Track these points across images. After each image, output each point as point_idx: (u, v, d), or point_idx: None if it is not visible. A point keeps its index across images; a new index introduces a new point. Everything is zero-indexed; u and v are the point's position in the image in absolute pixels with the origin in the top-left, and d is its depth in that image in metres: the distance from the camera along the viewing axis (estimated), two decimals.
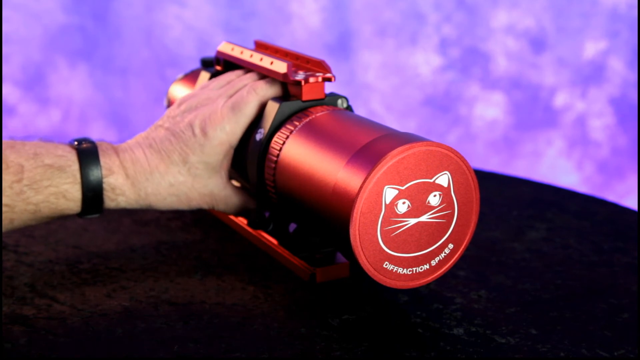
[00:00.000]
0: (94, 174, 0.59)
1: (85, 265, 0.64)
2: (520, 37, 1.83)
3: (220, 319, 0.56)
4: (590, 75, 1.85)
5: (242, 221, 0.71)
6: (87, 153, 0.60)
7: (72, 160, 0.59)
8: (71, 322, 0.55)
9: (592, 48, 1.83)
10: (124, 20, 1.86)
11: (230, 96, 0.65)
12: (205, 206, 0.64)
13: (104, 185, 0.60)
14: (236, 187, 0.65)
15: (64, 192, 0.59)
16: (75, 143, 0.61)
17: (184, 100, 0.66)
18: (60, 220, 0.73)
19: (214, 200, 0.64)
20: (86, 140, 0.61)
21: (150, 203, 0.62)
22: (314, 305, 0.58)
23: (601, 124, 1.87)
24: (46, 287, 0.60)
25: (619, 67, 1.83)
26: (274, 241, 0.66)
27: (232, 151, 0.64)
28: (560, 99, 1.87)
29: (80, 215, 0.61)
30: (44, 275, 0.62)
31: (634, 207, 1.18)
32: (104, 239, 0.70)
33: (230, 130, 0.63)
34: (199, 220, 0.74)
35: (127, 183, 0.61)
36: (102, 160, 0.60)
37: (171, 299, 0.59)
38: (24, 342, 0.53)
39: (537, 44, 1.84)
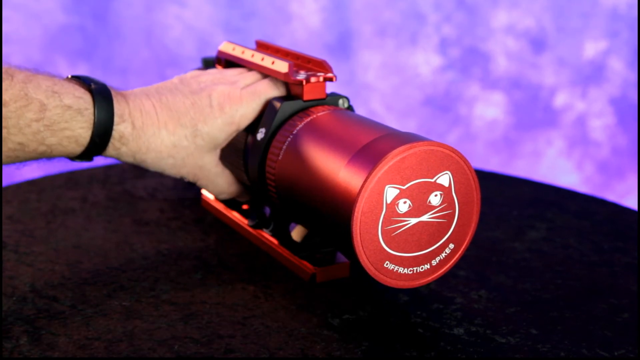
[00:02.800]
0: (107, 120, 0.56)
1: (85, 265, 0.64)
2: (520, 37, 1.83)
3: (220, 318, 0.56)
4: (590, 75, 1.85)
5: (242, 221, 0.71)
6: (101, 96, 0.57)
7: (88, 103, 0.56)
8: (71, 322, 0.55)
9: (592, 48, 1.83)
10: (124, 20, 1.86)
11: (248, 84, 0.65)
12: (191, 178, 0.63)
13: (113, 133, 0.57)
14: (224, 169, 0.65)
15: (77, 137, 0.56)
16: (69, 77, 0.57)
17: (197, 74, 0.65)
18: (60, 219, 0.73)
19: (202, 174, 0.63)
20: (94, 81, 0.58)
21: (146, 159, 0.60)
22: (314, 305, 0.58)
23: (601, 124, 1.87)
24: (47, 287, 0.60)
25: (619, 67, 1.83)
26: (274, 241, 0.66)
27: (234, 134, 0.64)
28: (560, 99, 1.87)
29: (71, 158, 0.58)
30: (44, 275, 0.62)
31: (634, 207, 1.18)
32: (104, 238, 0.69)
33: (244, 113, 0.63)
34: (199, 220, 0.74)
35: (134, 133, 0.59)
36: (115, 106, 0.57)
37: (171, 298, 0.59)
38: (24, 342, 0.53)
39: (537, 44, 1.84)
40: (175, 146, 0.61)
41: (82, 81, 0.58)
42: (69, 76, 0.59)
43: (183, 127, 0.61)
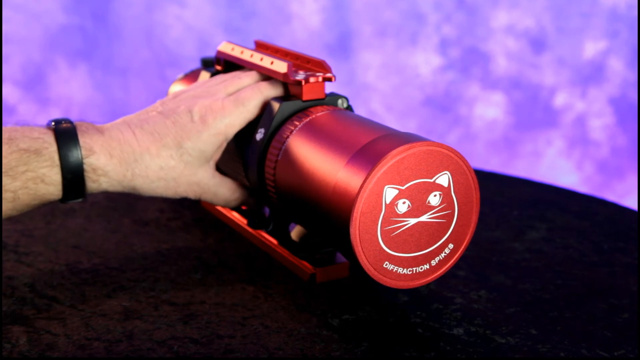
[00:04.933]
0: (73, 154, 0.57)
1: (85, 265, 0.64)
2: (520, 37, 1.83)
3: (220, 319, 0.56)
4: (590, 75, 1.85)
5: (242, 221, 0.71)
6: (65, 133, 0.58)
7: (48, 142, 0.57)
8: (71, 322, 0.55)
9: (592, 48, 1.83)
10: (124, 20, 1.86)
11: (230, 93, 0.64)
12: (192, 195, 0.63)
13: (85, 167, 0.58)
14: (224, 178, 0.64)
15: (42, 177, 0.57)
16: (53, 124, 0.59)
17: (178, 92, 0.65)
18: (60, 219, 0.73)
19: (202, 189, 0.63)
20: (65, 120, 0.59)
21: (136, 186, 0.60)
22: (314, 305, 0.58)
23: (601, 123, 1.87)
24: (46, 287, 0.60)
25: (619, 67, 1.83)
26: (274, 241, 0.66)
27: (225, 144, 0.63)
28: (560, 99, 1.87)
29: (62, 200, 0.59)
30: (44, 275, 0.62)
31: (634, 207, 1.18)
32: (104, 239, 0.70)
33: (229, 123, 0.62)
34: (199, 220, 0.74)
35: (112, 163, 0.59)
36: (82, 140, 0.58)
37: (171, 299, 0.59)
38: (24, 342, 0.53)
39: (537, 44, 1.84)
40: (163, 168, 0.61)
41: (56, 123, 0.59)
42: (52, 121, 0.59)
43: (167, 148, 0.60)
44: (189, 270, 0.64)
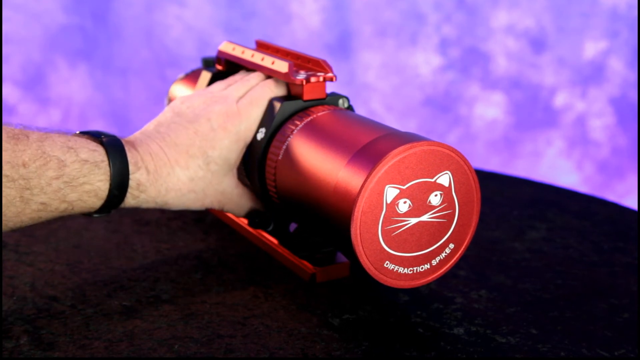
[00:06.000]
0: (123, 169, 0.56)
1: (85, 265, 0.64)
2: (520, 37, 1.84)
3: (220, 318, 0.56)
4: (590, 75, 1.85)
5: (242, 221, 0.71)
6: (114, 147, 0.56)
7: (103, 155, 0.55)
8: (71, 322, 0.55)
9: (592, 48, 1.83)
10: (124, 20, 1.86)
11: (240, 96, 0.64)
12: (216, 205, 0.63)
13: (130, 182, 0.57)
14: (245, 188, 0.64)
15: (96, 190, 0.55)
16: (78, 133, 0.57)
17: (186, 98, 0.64)
18: (61, 219, 0.73)
19: (226, 199, 0.63)
20: (102, 133, 0.58)
21: (168, 200, 0.60)
22: (314, 305, 0.58)
23: (601, 124, 1.87)
24: (47, 287, 0.60)
25: (619, 67, 1.83)
26: (274, 241, 0.66)
27: (244, 149, 0.63)
28: (560, 99, 1.87)
29: (89, 214, 0.57)
30: (44, 274, 0.62)
31: (634, 207, 1.18)
32: (104, 238, 0.70)
33: (247, 127, 0.62)
34: (199, 220, 0.74)
35: (150, 179, 0.58)
36: (128, 154, 0.57)
37: (171, 299, 0.59)
38: (24, 342, 0.53)
39: (537, 44, 1.84)
40: (193, 179, 0.60)
41: (91, 135, 0.58)
42: (77, 132, 0.58)
43: (194, 158, 0.60)
44: (189, 270, 0.64)
